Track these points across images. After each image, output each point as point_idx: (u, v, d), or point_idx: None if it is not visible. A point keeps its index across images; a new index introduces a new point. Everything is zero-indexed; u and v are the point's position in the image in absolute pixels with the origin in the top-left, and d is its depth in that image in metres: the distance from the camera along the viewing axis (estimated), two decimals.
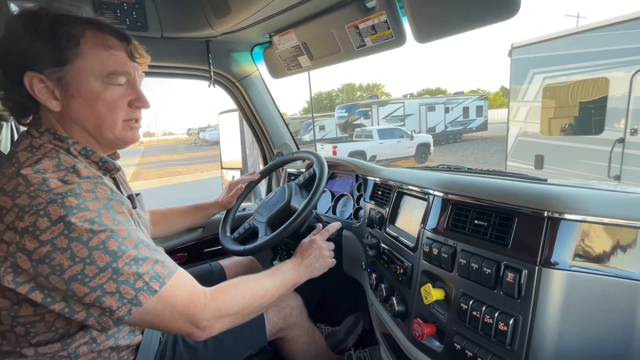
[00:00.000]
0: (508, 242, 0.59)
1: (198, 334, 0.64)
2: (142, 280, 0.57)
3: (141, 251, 0.58)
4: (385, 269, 0.93)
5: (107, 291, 0.54)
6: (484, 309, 0.60)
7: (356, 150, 11.11)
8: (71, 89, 0.62)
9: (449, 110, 17.07)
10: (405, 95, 19.54)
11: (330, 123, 22.13)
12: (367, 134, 12.24)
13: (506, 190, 0.65)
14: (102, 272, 0.53)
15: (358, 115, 17.11)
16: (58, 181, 0.55)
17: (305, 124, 22.45)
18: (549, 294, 0.53)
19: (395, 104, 17.13)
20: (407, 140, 11.96)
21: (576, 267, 0.53)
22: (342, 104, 44.55)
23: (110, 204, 0.58)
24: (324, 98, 48.10)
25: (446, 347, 0.67)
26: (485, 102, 18.45)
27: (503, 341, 0.56)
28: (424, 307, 0.73)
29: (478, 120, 17.85)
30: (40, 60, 0.59)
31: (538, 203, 0.57)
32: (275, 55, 1.33)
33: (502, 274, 0.58)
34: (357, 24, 1.01)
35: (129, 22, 1.07)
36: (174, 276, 0.61)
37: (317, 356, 1.14)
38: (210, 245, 1.53)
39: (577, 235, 0.54)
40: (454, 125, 17.40)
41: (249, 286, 0.73)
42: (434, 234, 0.74)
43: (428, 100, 17.93)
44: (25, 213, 0.51)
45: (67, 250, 0.52)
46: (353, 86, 45.40)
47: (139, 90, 0.70)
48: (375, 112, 16.64)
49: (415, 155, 12.12)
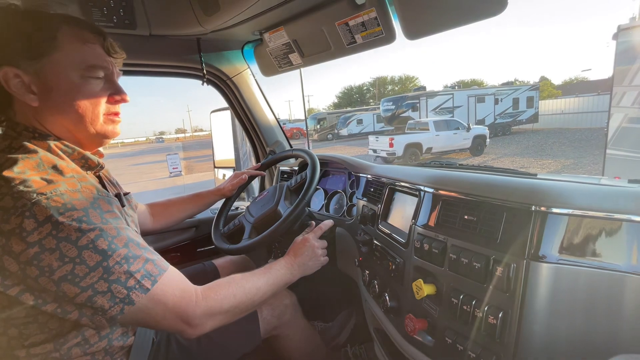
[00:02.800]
0: (497, 236, 0.60)
1: (189, 331, 0.64)
2: (133, 279, 0.56)
3: (131, 249, 0.58)
4: (378, 265, 0.93)
5: (99, 290, 0.54)
6: (474, 303, 0.60)
7: (412, 142, 10.84)
8: (50, 82, 0.61)
9: (498, 101, 16.31)
10: (453, 87, 18.60)
11: (367, 117, 21.91)
12: (422, 126, 11.81)
13: (495, 185, 0.65)
14: (92, 272, 0.53)
15: (406, 107, 16.61)
16: (41, 180, 0.54)
17: (343, 118, 22.22)
18: (537, 287, 0.54)
19: (444, 95, 16.39)
20: (463, 132, 11.43)
21: (563, 260, 0.54)
22: (373, 98, 44.17)
23: (97, 203, 0.58)
24: (354, 92, 47.67)
25: (438, 342, 0.67)
26: (537, 93, 17.38)
27: (492, 334, 0.57)
28: (415, 303, 0.74)
29: (529, 112, 16.86)
30: (15, 54, 0.58)
31: (525, 197, 0.58)
32: (266, 52, 1.32)
33: (491, 268, 0.59)
34: (347, 21, 1.01)
35: (117, 20, 1.05)
36: (165, 274, 0.61)
37: (312, 353, 1.15)
38: (203, 244, 1.53)
39: (564, 229, 0.55)
40: (503, 117, 16.54)
41: (241, 284, 0.73)
42: (425, 229, 0.74)
43: (477, 92, 17.10)
44: (10, 215, 0.50)
45: (55, 251, 0.51)
46: (384, 79, 44.81)
47: (118, 85, 0.70)
48: (423, 104, 16.07)
49: (471, 148, 11.55)
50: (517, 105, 16.63)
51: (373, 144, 11.45)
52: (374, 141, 11.47)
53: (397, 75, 52.71)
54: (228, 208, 1.28)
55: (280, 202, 1.09)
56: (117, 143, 67.29)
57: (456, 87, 18.61)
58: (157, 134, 72.21)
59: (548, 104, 19.42)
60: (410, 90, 41.04)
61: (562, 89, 31.61)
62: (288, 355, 1.09)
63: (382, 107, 18.13)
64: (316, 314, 1.42)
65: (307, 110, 59.16)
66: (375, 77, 45.91)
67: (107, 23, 1.04)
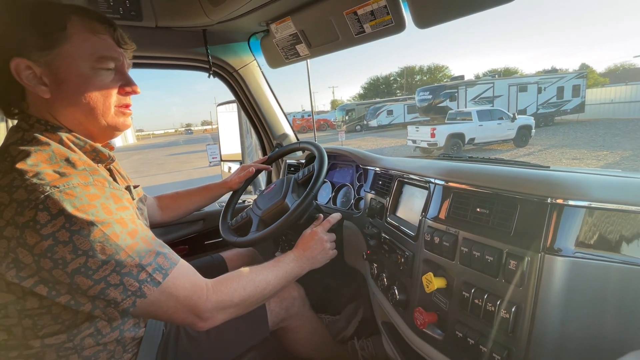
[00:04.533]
0: (510, 229, 0.58)
1: (200, 324, 0.64)
2: (145, 272, 0.57)
3: (143, 243, 0.58)
4: (386, 259, 0.93)
5: (111, 283, 0.54)
6: (486, 297, 0.59)
7: (455, 133, 10.40)
8: (61, 74, 0.60)
9: (541, 90, 15.23)
10: (493, 75, 17.69)
11: (398, 107, 21.31)
12: (464, 116, 11.27)
13: (508, 177, 0.64)
14: (105, 265, 0.53)
15: (443, 97, 15.82)
16: (54, 173, 0.54)
17: (373, 109, 21.58)
18: (552, 281, 0.52)
19: (484, 84, 15.62)
20: (507, 122, 10.92)
21: (580, 253, 0.52)
22: (401, 88, 43.28)
23: (109, 196, 0.58)
24: (380, 83, 46.78)
25: (447, 335, 0.67)
26: (584, 81, 16.01)
27: (505, 328, 0.56)
28: (425, 296, 0.73)
29: (574, 101, 15.69)
30: (26, 45, 0.58)
31: (541, 190, 0.56)
32: (272, 44, 1.30)
33: (504, 261, 0.57)
34: (356, 10, 0.99)
35: (123, 12, 1.04)
36: (176, 267, 0.61)
37: (320, 346, 1.15)
38: (211, 237, 1.53)
39: (580, 222, 0.53)
40: (546, 107, 15.47)
41: (251, 278, 0.73)
42: (435, 222, 0.73)
43: (519, 80, 16.02)
44: (24, 208, 0.50)
45: (69, 244, 0.51)
46: (413, 69, 43.72)
47: (129, 76, 0.69)
48: (462, 93, 15.27)
49: (515, 139, 11.00)
50: (562, 94, 15.54)
51: (413, 134, 11.09)
52: (414, 131, 11.07)
53: (425, 64, 50.84)
54: (235, 201, 1.28)
55: (287, 195, 1.08)
56: (148, 134, 67.63)
57: (496, 75, 17.79)
58: (185, 125, 72.53)
59: (594, 92, 18.18)
60: (440, 80, 39.32)
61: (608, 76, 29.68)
62: (295, 347, 1.10)
63: (418, 97, 17.45)
64: (324, 307, 1.42)
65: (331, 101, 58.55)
66: (403, 67, 44.87)
67: (113, 14, 1.04)
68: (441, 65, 46.59)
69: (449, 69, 43.30)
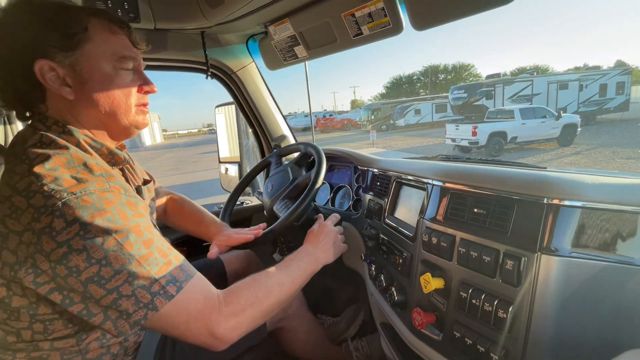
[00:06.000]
0: (507, 230, 0.59)
1: (216, 343, 0.60)
2: (158, 284, 0.55)
3: (158, 253, 0.57)
4: (384, 260, 0.93)
5: (123, 294, 0.52)
6: (483, 297, 0.60)
7: (497, 131, 10.16)
8: (85, 74, 0.61)
9: (582, 88, 14.58)
10: (531, 73, 16.79)
11: (426, 107, 20.99)
12: (505, 114, 11.00)
13: (505, 178, 0.64)
14: (117, 275, 0.52)
15: (479, 95, 15.47)
16: (71, 179, 0.54)
17: (400, 108, 21.30)
18: (549, 280, 0.53)
19: (522, 82, 15.05)
20: (551, 120, 10.59)
21: (576, 253, 0.53)
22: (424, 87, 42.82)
23: (125, 202, 0.57)
24: (403, 82, 46.17)
25: (446, 336, 0.67)
26: (629, 78, 15.11)
27: (502, 328, 0.56)
28: (423, 297, 0.73)
29: (618, 99, 14.84)
30: (50, 46, 0.58)
31: (537, 190, 0.57)
32: (270, 46, 1.30)
33: (501, 261, 0.58)
34: (354, 12, 0.99)
35: (121, 13, 1.04)
36: (191, 280, 0.59)
37: (317, 346, 1.15)
38: None
39: (576, 222, 0.53)
40: (587, 106, 14.73)
41: (262, 283, 0.69)
42: (433, 223, 0.73)
43: (560, 77, 15.37)
44: (41, 214, 0.50)
45: (83, 252, 0.50)
46: (437, 68, 42.91)
47: (146, 76, 0.70)
48: (500, 91, 14.88)
49: (559, 138, 10.64)
50: (605, 91, 14.76)
51: (452, 133, 10.90)
52: (453, 130, 10.88)
53: (450, 63, 49.25)
54: (233, 203, 1.28)
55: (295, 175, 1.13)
56: (173, 134, 67.15)
57: (534, 73, 16.96)
58: (206, 125, 72.09)
59: (638, 90, 17.18)
60: (466, 79, 38.76)
61: None
62: (293, 347, 1.10)
63: (452, 95, 17.05)
64: (322, 308, 1.42)
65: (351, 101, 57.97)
66: (427, 66, 44.06)
67: None
68: (467, 63, 45.15)
69: (474, 68, 42.37)
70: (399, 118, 21.04)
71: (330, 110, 33.49)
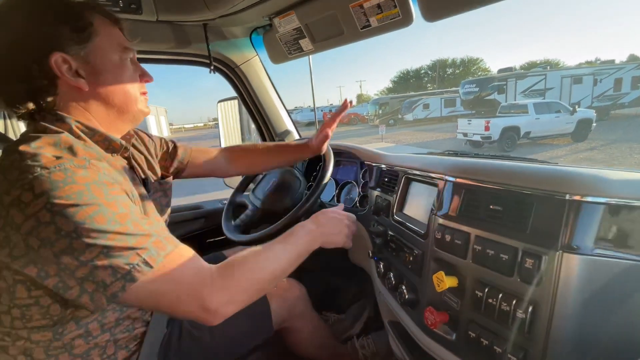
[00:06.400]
0: (526, 227, 0.57)
1: (209, 317, 0.58)
2: (136, 255, 0.53)
3: (135, 227, 0.54)
4: (393, 257, 0.91)
5: (99, 265, 0.51)
6: (501, 296, 0.58)
7: (510, 126, 9.95)
8: (97, 65, 0.64)
9: (597, 82, 14.21)
10: (544, 67, 16.76)
11: (435, 101, 20.67)
12: (518, 109, 10.75)
13: (524, 174, 0.62)
14: (90, 247, 0.50)
15: (491, 90, 15.28)
16: (51, 157, 0.53)
17: (408, 102, 20.97)
18: (571, 279, 0.51)
19: (535, 76, 14.77)
20: (566, 115, 10.30)
21: (599, 251, 0.51)
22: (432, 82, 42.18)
23: (102, 181, 0.55)
24: (411, 76, 45.58)
25: (460, 336, 0.65)
26: None
27: (522, 329, 0.54)
28: (435, 295, 0.71)
29: (633, 94, 14.42)
30: (65, 40, 0.60)
31: (558, 185, 0.55)
32: (275, 39, 1.28)
33: (520, 260, 0.56)
34: (362, 3, 0.96)
35: (122, 5, 1.02)
36: (174, 251, 0.57)
37: (323, 345, 1.13)
38: (213, 235, 1.51)
39: (600, 218, 0.51)
40: (601, 100, 14.29)
41: (258, 257, 0.66)
42: (446, 220, 0.71)
43: (574, 72, 14.96)
44: (11, 187, 0.50)
45: (51, 225, 0.49)
46: (445, 62, 42.45)
47: (141, 66, 0.74)
48: (512, 85, 14.65)
49: (574, 133, 10.39)
50: (620, 86, 14.32)
51: (463, 128, 10.72)
52: (465, 124, 10.68)
53: (458, 57, 48.18)
54: (238, 198, 1.26)
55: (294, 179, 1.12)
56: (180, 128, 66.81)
57: (547, 67, 16.94)
58: (212, 119, 71.85)
59: None
60: (474, 73, 38.38)
61: None
62: (298, 347, 1.08)
63: (463, 90, 16.87)
64: (327, 305, 1.40)
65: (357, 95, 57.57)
66: (435, 60, 43.55)
67: (112, 7, 1.01)
68: (475, 57, 44.31)
69: (483, 62, 41.93)
70: (407, 112, 20.73)
71: (336, 105, 33.14)
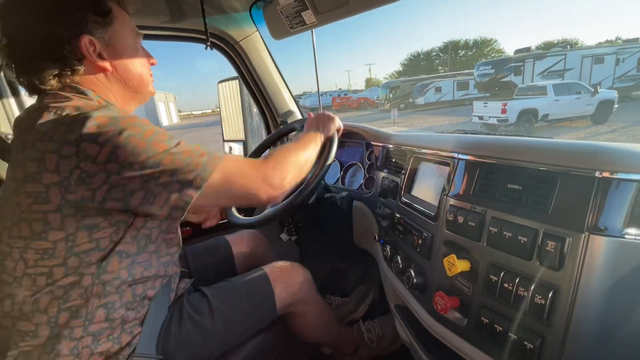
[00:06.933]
0: (548, 207, 0.52)
1: (275, 193, 0.70)
2: (201, 154, 0.62)
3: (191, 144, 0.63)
4: (400, 240, 0.87)
5: (177, 167, 0.58)
6: (518, 280, 0.54)
7: (528, 108, 9.60)
8: (119, 48, 0.69)
9: (619, 62, 13.51)
10: (564, 47, 15.63)
11: (447, 84, 20.00)
12: (537, 90, 10.26)
13: (547, 149, 0.57)
14: (165, 154, 0.58)
15: (507, 71, 14.64)
16: (95, 104, 0.61)
17: (419, 86, 20.27)
18: (596, 263, 0.47)
19: (555, 56, 14.00)
20: (587, 96, 9.82)
21: (629, 233, 0.46)
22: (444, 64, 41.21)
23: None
24: (421, 59, 44.56)
25: (472, 321, 0.62)
26: None
27: (540, 315, 0.51)
28: (445, 279, 0.68)
29: None
30: (93, 23, 0.65)
31: (587, 162, 0.50)
32: (276, 12, 1.20)
33: (540, 242, 0.52)
34: None
35: None
36: (226, 155, 0.67)
37: (327, 329, 1.12)
38: None
39: (632, 197, 0.47)
40: (623, 81, 13.65)
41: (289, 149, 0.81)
42: (459, 200, 0.67)
43: (595, 51, 14.23)
44: (74, 124, 0.54)
45: (126, 145, 0.55)
46: (457, 43, 41.31)
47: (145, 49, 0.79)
48: (529, 67, 14.05)
49: (594, 115, 9.92)
50: None
51: (479, 110, 10.43)
52: (481, 107, 10.40)
53: (471, 38, 46.61)
54: None
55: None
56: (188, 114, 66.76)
57: (568, 46, 15.79)
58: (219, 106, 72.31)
59: None
60: (488, 55, 37.27)
61: None
62: (303, 331, 1.07)
63: (478, 72, 16.31)
64: (331, 288, 1.39)
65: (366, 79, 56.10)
66: (447, 41, 42.09)
67: None
68: (489, 38, 42.30)
69: (497, 43, 40.30)
70: (419, 96, 20.04)
71: (345, 89, 32.37)
